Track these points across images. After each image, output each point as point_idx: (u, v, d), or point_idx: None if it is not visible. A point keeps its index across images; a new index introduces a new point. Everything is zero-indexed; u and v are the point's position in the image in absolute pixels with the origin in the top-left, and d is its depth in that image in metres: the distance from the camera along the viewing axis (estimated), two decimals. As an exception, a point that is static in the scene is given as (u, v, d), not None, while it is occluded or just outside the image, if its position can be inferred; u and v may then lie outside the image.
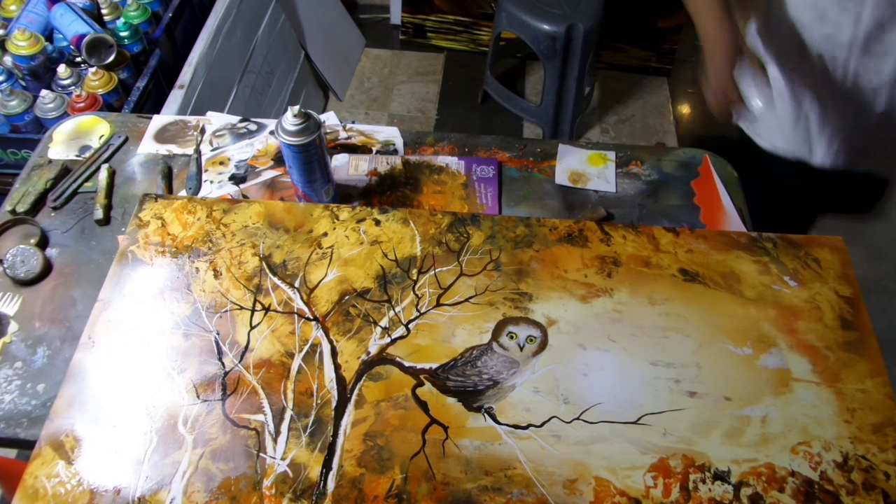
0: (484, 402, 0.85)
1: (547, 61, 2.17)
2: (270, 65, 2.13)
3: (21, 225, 1.08)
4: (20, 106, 1.49)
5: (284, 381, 0.86)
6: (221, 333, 0.90)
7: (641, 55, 2.65)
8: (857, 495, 0.77)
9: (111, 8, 1.71)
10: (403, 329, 0.91)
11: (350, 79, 2.65)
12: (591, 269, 0.96)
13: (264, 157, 1.18)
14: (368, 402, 0.84)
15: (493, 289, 0.95)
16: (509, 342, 0.89)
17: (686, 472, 0.79)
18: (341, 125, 1.24)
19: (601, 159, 1.18)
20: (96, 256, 1.04)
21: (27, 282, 1.00)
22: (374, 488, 0.78)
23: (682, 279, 0.95)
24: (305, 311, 0.93)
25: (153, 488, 0.78)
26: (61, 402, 0.84)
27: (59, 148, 1.19)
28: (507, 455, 0.80)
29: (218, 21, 1.82)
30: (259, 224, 1.02)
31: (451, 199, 1.12)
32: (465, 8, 2.65)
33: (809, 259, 0.98)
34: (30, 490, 0.77)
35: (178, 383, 0.86)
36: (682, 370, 0.87)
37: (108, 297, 0.93)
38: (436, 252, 0.98)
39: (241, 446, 0.81)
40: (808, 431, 0.82)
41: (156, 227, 1.01)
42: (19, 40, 1.52)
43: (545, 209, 1.12)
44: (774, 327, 0.91)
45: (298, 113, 0.97)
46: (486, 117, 2.56)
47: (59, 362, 0.92)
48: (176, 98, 1.60)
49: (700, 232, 1.01)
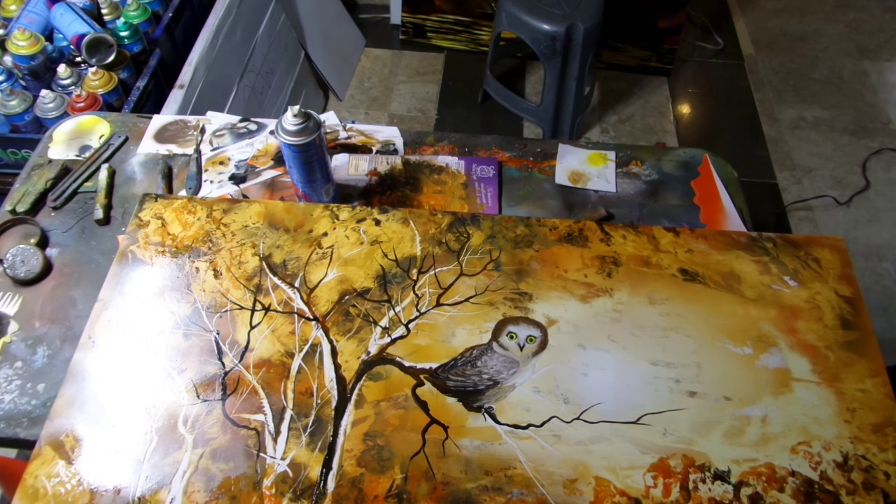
0: (484, 401, 0.85)
1: (547, 61, 2.17)
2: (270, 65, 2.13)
3: (21, 225, 1.08)
4: (20, 106, 1.49)
5: (284, 381, 0.86)
6: (221, 333, 0.90)
7: (641, 55, 2.65)
8: (857, 495, 0.77)
9: (111, 8, 1.71)
10: (403, 329, 0.91)
11: (350, 79, 2.65)
12: (591, 268, 0.96)
13: (264, 157, 1.18)
14: (368, 401, 0.84)
15: (493, 289, 0.95)
16: (509, 342, 0.89)
17: (686, 472, 0.79)
18: (341, 125, 1.24)
19: (601, 159, 1.18)
20: (96, 256, 1.04)
21: (27, 282, 1.00)
22: (374, 488, 0.78)
23: (682, 279, 0.95)
24: (305, 310, 0.93)
25: (153, 488, 0.78)
26: (61, 402, 0.84)
27: (59, 148, 1.19)
28: (507, 455, 0.80)
29: (218, 21, 1.82)
30: (259, 224, 1.02)
31: (451, 199, 1.12)
32: (465, 8, 2.65)
33: (809, 259, 0.98)
34: (30, 490, 0.77)
35: (178, 383, 0.86)
36: (682, 370, 0.87)
37: (108, 297, 0.93)
38: (436, 252, 0.98)
39: (241, 446, 0.81)
40: (808, 431, 0.82)
41: (156, 227, 1.01)
42: (19, 40, 1.52)
43: (545, 209, 1.12)
44: (774, 327, 0.91)
45: (298, 113, 0.97)
46: (486, 117, 2.56)
47: (59, 362, 0.92)
48: (176, 98, 1.60)
49: (700, 232, 1.01)
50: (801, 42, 2.86)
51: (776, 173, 2.37)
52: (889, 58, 2.79)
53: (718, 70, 2.75)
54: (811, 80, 2.70)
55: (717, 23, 2.91)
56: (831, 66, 2.75)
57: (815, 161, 2.42)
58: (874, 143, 2.46)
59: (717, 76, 2.73)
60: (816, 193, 2.31)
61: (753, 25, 2.93)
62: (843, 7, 3.02)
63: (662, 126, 2.53)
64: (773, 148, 2.45)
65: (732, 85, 2.69)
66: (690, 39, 2.83)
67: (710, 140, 2.50)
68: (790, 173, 2.38)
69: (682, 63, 2.75)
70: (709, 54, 2.81)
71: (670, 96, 2.64)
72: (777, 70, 2.74)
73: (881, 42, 2.86)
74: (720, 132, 2.54)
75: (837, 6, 3.03)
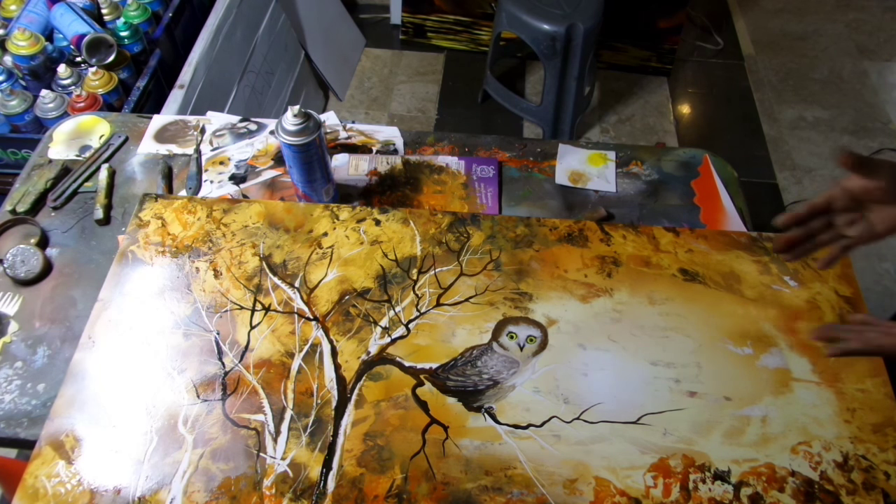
0: (484, 401, 0.85)
1: (547, 61, 2.17)
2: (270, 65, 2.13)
3: (21, 225, 1.08)
4: (20, 106, 1.49)
5: (284, 381, 0.86)
6: (221, 333, 0.90)
7: (641, 55, 2.65)
8: (857, 495, 0.77)
9: (111, 8, 1.71)
10: (403, 329, 0.91)
11: (350, 79, 2.65)
12: (591, 268, 0.96)
13: (264, 157, 1.18)
14: (368, 401, 0.84)
15: (493, 289, 0.95)
16: (509, 342, 0.89)
17: (686, 472, 0.79)
18: (341, 125, 1.24)
19: (601, 159, 1.18)
20: (96, 256, 1.04)
21: (27, 282, 1.00)
22: (374, 488, 0.78)
23: (682, 279, 0.95)
24: (305, 310, 0.93)
25: (153, 488, 0.78)
26: (61, 402, 0.84)
27: (59, 148, 1.19)
28: (507, 455, 0.80)
29: (218, 21, 1.82)
30: (259, 224, 1.02)
31: (451, 199, 1.12)
32: (465, 8, 2.65)
33: (809, 259, 0.98)
34: (30, 490, 0.77)
35: (178, 383, 0.86)
36: (682, 370, 0.87)
37: (109, 297, 0.93)
38: (436, 252, 0.98)
39: (241, 446, 0.81)
40: (808, 431, 0.82)
41: (156, 227, 1.01)
42: (19, 40, 1.52)
43: (545, 209, 1.12)
44: (774, 327, 0.91)
45: (298, 113, 0.97)
46: (486, 117, 2.56)
47: (59, 362, 0.92)
48: (176, 98, 1.60)
49: (700, 232, 1.01)
50: (801, 42, 2.86)
51: (776, 173, 2.37)
52: (889, 58, 2.79)
53: (718, 70, 2.75)
54: (811, 80, 2.70)
55: (717, 23, 2.91)
56: (831, 66, 2.75)
57: (815, 161, 2.42)
58: (874, 143, 2.46)
59: (717, 76, 2.73)
60: (816, 193, 2.31)
61: (753, 25, 2.93)
62: (843, 7, 3.02)
63: (662, 126, 2.53)
64: (773, 148, 2.45)
65: (732, 85, 2.69)
66: (690, 39, 2.83)
67: (710, 140, 2.49)
68: (790, 173, 2.38)
69: (682, 63, 2.75)
70: (709, 54, 2.81)
71: (670, 96, 2.64)
72: (777, 70, 2.74)
73: (881, 42, 2.86)
74: (720, 132, 2.54)
75: (837, 6, 3.03)
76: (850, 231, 0.75)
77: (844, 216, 0.75)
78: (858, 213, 0.74)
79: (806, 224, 0.76)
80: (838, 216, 0.75)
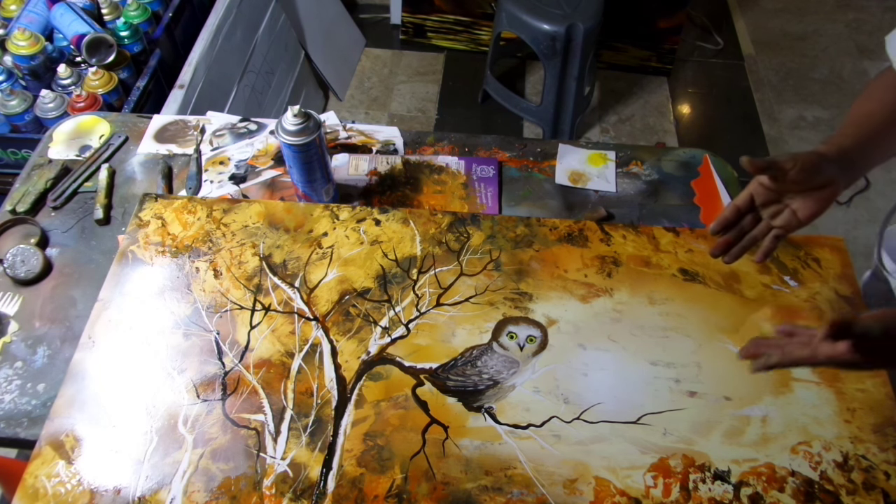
0: (484, 401, 0.85)
1: (547, 61, 2.17)
2: (270, 65, 2.13)
3: (21, 225, 1.08)
4: (20, 106, 1.49)
5: (284, 381, 0.86)
6: (221, 333, 0.90)
7: (641, 55, 2.65)
8: (857, 495, 0.77)
9: (111, 8, 1.71)
10: (403, 329, 0.91)
11: (350, 79, 2.65)
12: (591, 268, 0.96)
13: (264, 157, 1.18)
14: (368, 401, 0.84)
15: (493, 289, 0.95)
16: (509, 342, 0.89)
17: (686, 472, 0.79)
18: (341, 125, 1.24)
19: (601, 159, 1.18)
20: (96, 256, 1.04)
21: (27, 282, 1.00)
22: (374, 488, 0.78)
23: (682, 279, 0.95)
24: (305, 310, 0.93)
25: (153, 488, 0.78)
26: (61, 402, 0.84)
27: (59, 148, 1.19)
28: (507, 455, 0.80)
29: (218, 21, 1.82)
30: (259, 224, 1.02)
31: (451, 199, 1.12)
32: (465, 8, 2.65)
33: (809, 259, 0.98)
34: (30, 490, 0.77)
35: (178, 383, 0.86)
36: (682, 370, 0.87)
37: (109, 297, 0.93)
38: (436, 252, 0.98)
39: (241, 446, 0.81)
40: (808, 431, 0.82)
41: (156, 227, 1.01)
42: (19, 40, 1.52)
43: (545, 209, 1.12)
44: (774, 327, 0.91)
45: (298, 113, 0.97)
46: (486, 117, 2.56)
47: (59, 362, 0.92)
48: (176, 98, 1.60)
49: (700, 232, 1.01)
50: (801, 42, 2.86)
51: (776, 173, 2.37)
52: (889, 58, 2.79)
53: (718, 70, 2.75)
54: (811, 80, 2.70)
55: (717, 23, 2.90)
56: (831, 66, 2.75)
57: (815, 161, 2.41)
58: (874, 143, 2.46)
59: (717, 76, 2.73)
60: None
61: (753, 25, 2.93)
62: (843, 7, 3.02)
63: (662, 126, 2.53)
64: (773, 148, 2.45)
65: (732, 85, 2.69)
66: (690, 39, 2.83)
67: (710, 140, 2.49)
68: (790, 173, 2.37)
69: (682, 63, 2.75)
70: (709, 54, 2.81)
71: (670, 96, 2.64)
72: (777, 70, 2.74)
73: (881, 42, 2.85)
74: (720, 132, 2.54)
75: (837, 6, 3.02)
76: (776, 222, 0.78)
77: (768, 209, 0.78)
78: (781, 204, 0.77)
79: (736, 224, 0.79)
80: (763, 210, 0.79)
